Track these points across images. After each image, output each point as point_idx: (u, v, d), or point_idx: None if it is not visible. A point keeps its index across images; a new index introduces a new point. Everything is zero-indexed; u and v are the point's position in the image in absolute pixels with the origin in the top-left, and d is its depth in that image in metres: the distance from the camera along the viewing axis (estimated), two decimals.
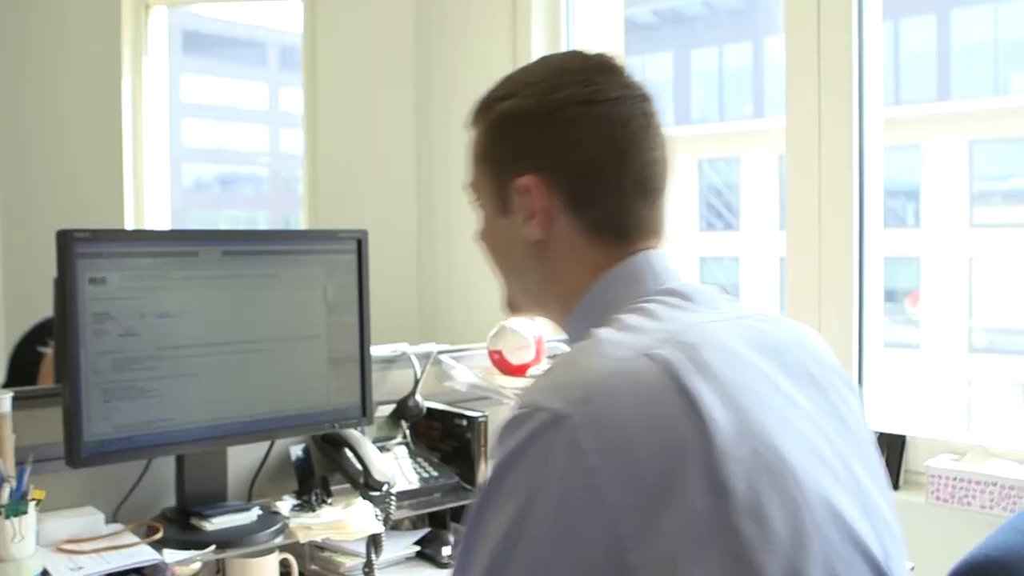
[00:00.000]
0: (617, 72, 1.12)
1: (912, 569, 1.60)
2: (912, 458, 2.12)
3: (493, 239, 1.17)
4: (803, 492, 0.89)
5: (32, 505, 1.53)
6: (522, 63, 1.19)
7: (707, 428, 0.87)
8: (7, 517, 1.50)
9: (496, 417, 2.26)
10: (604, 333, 0.96)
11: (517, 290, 1.19)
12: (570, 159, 1.08)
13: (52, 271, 1.68)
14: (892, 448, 2.12)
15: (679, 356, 0.92)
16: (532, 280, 1.15)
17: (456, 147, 3.03)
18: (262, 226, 10.24)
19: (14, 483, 1.53)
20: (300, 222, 3.96)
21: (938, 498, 1.94)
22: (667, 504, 0.83)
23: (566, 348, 2.42)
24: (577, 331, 1.08)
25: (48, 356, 2.46)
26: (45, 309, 2.34)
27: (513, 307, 1.22)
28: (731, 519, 0.84)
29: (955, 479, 1.93)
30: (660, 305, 1.02)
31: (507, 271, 1.18)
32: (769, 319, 1.10)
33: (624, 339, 0.95)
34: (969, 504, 1.91)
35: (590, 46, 1.18)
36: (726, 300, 1.10)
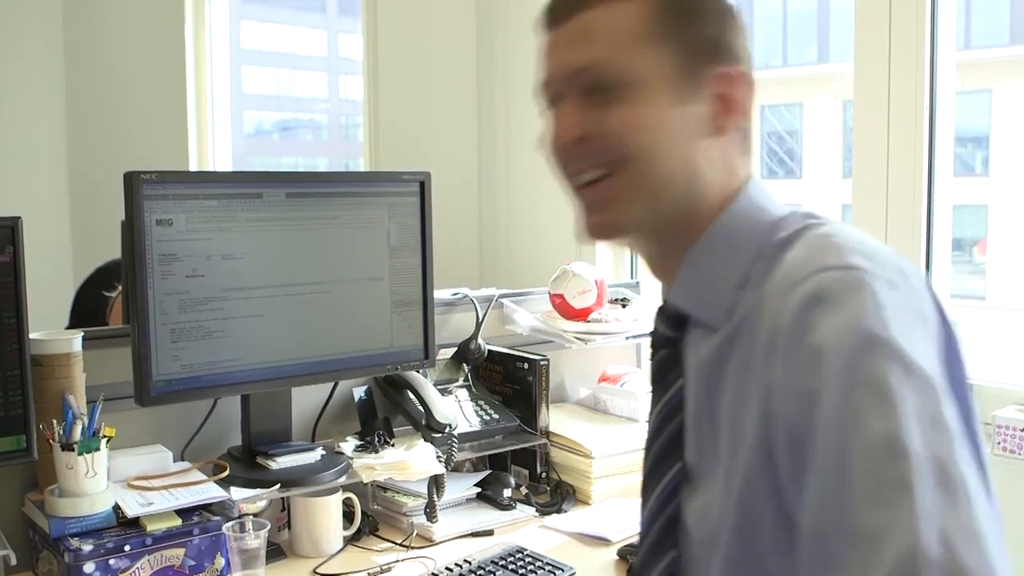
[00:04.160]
0: None
1: None
2: (979, 409, 2.09)
3: (657, 130, 1.00)
4: None
5: (103, 442, 1.57)
6: None
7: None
8: (80, 453, 1.53)
9: (558, 361, 2.26)
10: (838, 227, 0.95)
11: (649, 194, 1.01)
12: (749, 63, 1.04)
13: (117, 216, 1.70)
14: None
15: None
16: (678, 180, 1.01)
17: (518, 91, 3.01)
18: None
19: (86, 420, 1.56)
20: (360, 169, 3.96)
21: (1004, 449, 1.91)
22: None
23: (628, 291, 2.40)
24: (719, 240, 1.01)
25: (114, 300, 2.48)
26: (111, 251, 2.37)
27: (622, 224, 1.04)
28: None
29: (1022, 430, 1.90)
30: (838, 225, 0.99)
31: (653, 171, 1.01)
32: None
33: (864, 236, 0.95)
34: None
35: None
36: None
